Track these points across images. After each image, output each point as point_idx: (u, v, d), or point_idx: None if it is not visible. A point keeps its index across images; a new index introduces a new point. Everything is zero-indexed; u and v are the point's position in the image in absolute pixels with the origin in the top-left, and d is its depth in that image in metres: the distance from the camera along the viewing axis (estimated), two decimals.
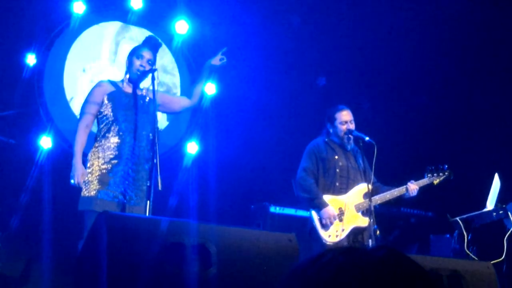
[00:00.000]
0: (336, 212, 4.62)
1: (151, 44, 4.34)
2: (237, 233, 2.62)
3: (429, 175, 4.87)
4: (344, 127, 4.77)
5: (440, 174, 4.87)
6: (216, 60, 4.52)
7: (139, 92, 4.19)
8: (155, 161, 3.82)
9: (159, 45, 4.41)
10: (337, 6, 7.20)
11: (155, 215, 3.75)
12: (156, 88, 4.05)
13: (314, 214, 4.64)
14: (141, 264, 2.29)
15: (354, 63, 7.37)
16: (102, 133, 4.06)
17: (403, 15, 7.13)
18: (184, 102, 4.57)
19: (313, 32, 7.36)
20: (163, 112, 4.89)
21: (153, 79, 4.07)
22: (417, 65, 7.33)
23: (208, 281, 2.39)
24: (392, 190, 4.73)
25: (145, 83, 4.34)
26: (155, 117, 3.99)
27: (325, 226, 4.59)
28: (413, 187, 4.72)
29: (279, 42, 7.30)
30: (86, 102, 4.16)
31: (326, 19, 7.28)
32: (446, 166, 4.89)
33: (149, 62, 4.20)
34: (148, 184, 3.92)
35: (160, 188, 3.74)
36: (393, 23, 7.22)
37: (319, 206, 4.60)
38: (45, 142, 6.15)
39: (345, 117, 4.80)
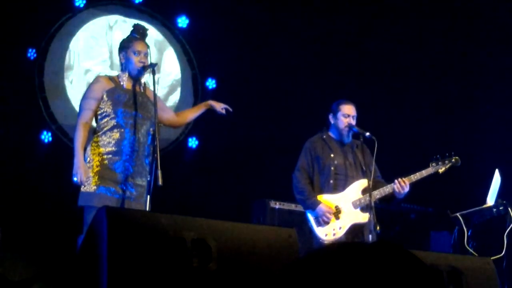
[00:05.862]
0: (332, 209, 4.59)
1: (141, 34, 4.27)
2: (237, 228, 2.62)
3: (433, 164, 4.70)
4: (346, 120, 4.73)
5: (446, 161, 4.70)
6: (218, 106, 4.45)
7: (137, 89, 4.17)
8: (155, 155, 3.81)
9: (147, 30, 4.35)
10: (335, 3, 7.20)
11: (155, 210, 3.74)
12: (156, 84, 4.03)
13: (309, 214, 4.65)
14: (141, 259, 2.30)
15: (354, 57, 7.36)
16: (101, 129, 4.04)
17: (401, 6, 7.12)
18: (170, 117, 4.45)
19: (313, 26, 7.35)
20: None
21: (153, 73, 4.06)
22: (417, 58, 7.32)
23: (208, 276, 2.39)
24: (389, 185, 4.65)
25: (145, 78, 4.31)
26: (155, 112, 3.97)
27: (321, 225, 4.58)
28: (401, 183, 4.56)
29: (280, 36, 7.28)
30: (85, 98, 4.13)
31: (325, 13, 7.27)
32: (453, 152, 4.73)
33: (146, 55, 4.17)
34: (148, 179, 3.92)
35: (160, 183, 3.73)
36: (391, 15, 7.21)
37: (311, 206, 4.59)
38: (46, 136, 6.16)
39: (348, 110, 4.76)
